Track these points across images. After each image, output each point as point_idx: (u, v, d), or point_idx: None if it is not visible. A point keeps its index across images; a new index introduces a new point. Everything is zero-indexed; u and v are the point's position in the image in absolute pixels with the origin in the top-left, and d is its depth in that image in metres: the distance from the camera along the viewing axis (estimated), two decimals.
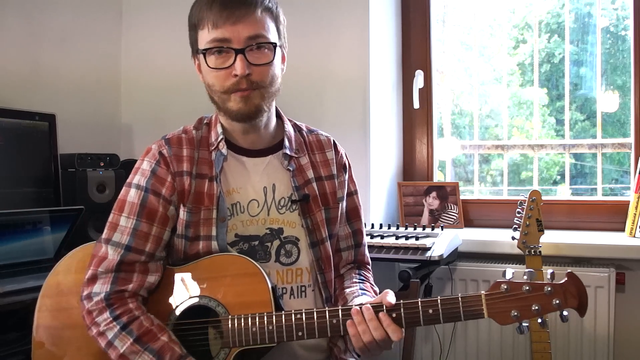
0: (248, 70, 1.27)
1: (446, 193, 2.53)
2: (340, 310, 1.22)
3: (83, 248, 1.41)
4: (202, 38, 1.31)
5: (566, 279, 1.15)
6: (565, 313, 1.16)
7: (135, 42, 2.71)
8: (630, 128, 2.40)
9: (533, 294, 1.15)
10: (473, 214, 2.59)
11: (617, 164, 2.53)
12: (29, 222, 1.90)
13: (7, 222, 1.86)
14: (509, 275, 1.19)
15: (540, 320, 1.16)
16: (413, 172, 2.69)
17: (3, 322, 1.68)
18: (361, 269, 1.53)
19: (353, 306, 1.22)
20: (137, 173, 1.36)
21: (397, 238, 2.09)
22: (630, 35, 2.39)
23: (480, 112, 2.70)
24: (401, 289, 2.12)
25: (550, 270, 1.19)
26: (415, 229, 2.20)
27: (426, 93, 2.63)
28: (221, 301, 1.27)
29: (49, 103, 2.30)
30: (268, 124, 1.41)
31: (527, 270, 1.18)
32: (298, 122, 1.52)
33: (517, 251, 2.01)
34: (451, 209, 2.52)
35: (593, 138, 2.51)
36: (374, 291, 1.46)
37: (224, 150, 1.37)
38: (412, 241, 2.04)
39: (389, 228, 2.24)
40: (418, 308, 1.19)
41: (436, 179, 2.68)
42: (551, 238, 2.16)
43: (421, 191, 2.56)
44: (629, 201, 2.25)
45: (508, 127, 2.65)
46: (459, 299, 1.17)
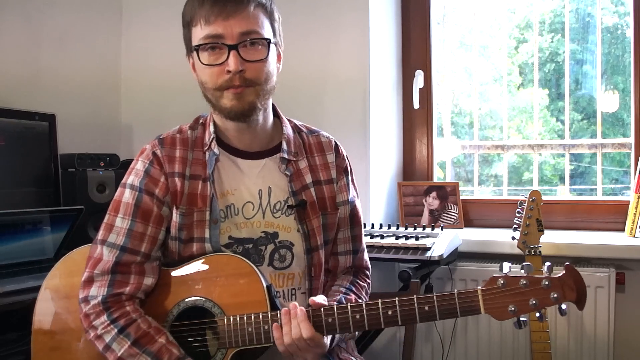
0: (241, 66, 1.25)
1: (446, 193, 2.53)
2: (335, 307, 1.21)
3: (81, 250, 1.40)
4: (196, 35, 1.29)
5: (564, 272, 1.14)
6: (564, 307, 1.14)
7: (135, 42, 2.71)
8: (630, 128, 2.40)
9: (530, 288, 1.13)
10: (473, 214, 2.59)
11: (617, 164, 2.53)
12: (29, 222, 1.90)
13: (7, 222, 1.86)
14: (506, 269, 1.17)
15: (538, 314, 1.15)
16: (413, 172, 2.68)
17: (3, 322, 1.68)
18: (357, 276, 1.49)
19: (348, 305, 1.21)
20: (132, 173, 1.36)
21: (397, 238, 2.09)
22: (630, 35, 2.39)
23: (480, 112, 2.70)
24: (401, 289, 2.12)
25: (548, 263, 1.17)
26: (415, 229, 2.20)
27: (426, 93, 2.63)
28: (217, 302, 1.27)
29: (49, 103, 2.30)
30: (264, 124, 1.39)
31: (524, 264, 1.16)
32: (299, 123, 1.49)
33: (517, 251, 2.00)
34: (451, 209, 2.52)
35: (593, 138, 2.51)
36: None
37: (216, 149, 1.35)
38: (412, 241, 2.04)
39: (389, 228, 2.24)
40: (414, 305, 1.18)
41: (436, 179, 2.68)
42: (551, 238, 2.16)
43: (421, 191, 2.56)
44: (629, 201, 2.25)
45: (508, 127, 2.65)
46: (455, 295, 1.17)
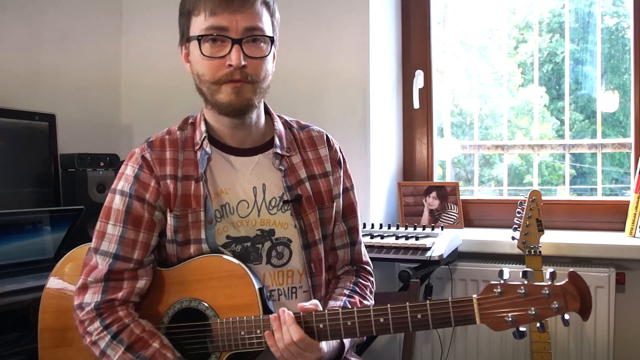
0: (244, 61, 1.24)
1: (446, 193, 2.53)
2: (327, 313, 1.19)
3: (82, 248, 1.41)
4: (197, 25, 1.26)
5: (567, 280, 1.07)
6: (567, 317, 1.06)
7: (135, 43, 2.71)
8: (630, 128, 2.40)
9: (529, 298, 1.06)
10: (473, 214, 2.59)
11: (617, 164, 2.53)
12: (29, 222, 1.90)
13: (7, 222, 1.86)
14: (506, 275, 1.10)
15: (538, 325, 1.08)
16: (413, 172, 2.68)
17: (3, 322, 1.68)
18: (360, 275, 1.47)
19: (339, 310, 1.19)
20: (121, 179, 1.33)
21: (397, 238, 2.09)
22: (630, 35, 2.39)
23: (480, 112, 2.70)
24: (401, 289, 2.12)
25: (550, 269, 1.10)
26: (415, 229, 2.20)
27: (426, 93, 2.63)
28: (211, 304, 1.26)
29: (49, 103, 2.30)
30: (257, 122, 1.37)
31: (525, 269, 1.10)
32: (289, 118, 1.47)
33: (517, 251, 2.00)
34: (451, 209, 2.52)
35: (593, 138, 2.51)
36: (365, 306, 1.40)
37: (208, 148, 1.33)
38: (412, 241, 2.04)
39: (389, 228, 2.24)
40: (406, 313, 1.14)
41: (436, 179, 2.68)
42: (551, 238, 2.16)
43: (421, 191, 2.56)
44: (629, 201, 2.25)
45: (508, 127, 2.65)
46: (449, 303, 1.12)
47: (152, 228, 1.31)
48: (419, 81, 2.57)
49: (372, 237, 2.11)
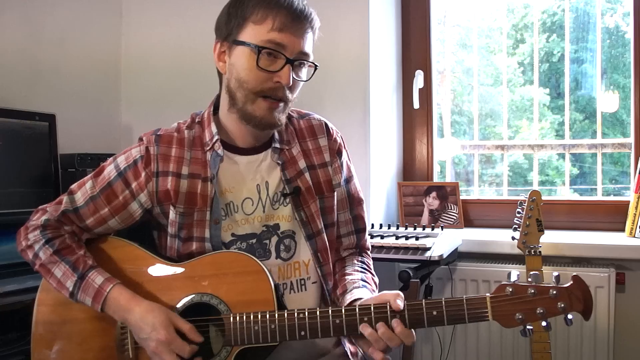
0: (291, 81, 1.28)
1: (446, 193, 2.53)
2: (343, 310, 1.21)
3: None
4: (256, 33, 1.28)
5: (572, 282, 1.14)
6: (570, 317, 1.15)
7: (135, 42, 2.71)
8: (630, 128, 2.40)
9: (538, 297, 1.14)
10: (473, 214, 2.59)
11: (617, 164, 2.53)
12: None
13: (7, 222, 1.85)
14: (514, 277, 1.18)
15: (544, 323, 1.16)
16: (413, 172, 2.68)
17: (3, 322, 1.68)
18: (363, 256, 1.52)
19: (356, 307, 1.21)
20: (125, 154, 1.38)
21: (397, 238, 2.09)
22: (630, 35, 2.39)
23: (480, 112, 2.70)
24: (401, 289, 2.11)
25: (555, 273, 1.17)
26: (415, 229, 2.20)
27: (426, 93, 2.63)
28: (223, 299, 1.27)
29: (49, 103, 2.30)
30: (269, 131, 1.40)
31: (532, 272, 1.18)
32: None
33: (517, 251, 2.00)
34: (451, 209, 2.52)
35: (593, 138, 2.51)
36: (375, 282, 1.45)
37: (220, 151, 1.35)
38: (412, 241, 2.04)
39: (389, 228, 2.24)
40: (422, 309, 1.18)
41: (436, 179, 2.68)
42: (551, 238, 2.16)
43: (421, 191, 2.56)
44: (629, 201, 2.25)
45: (508, 127, 2.65)
46: (464, 301, 1.16)
47: (118, 211, 1.36)
48: (419, 81, 2.57)
49: (372, 237, 2.11)
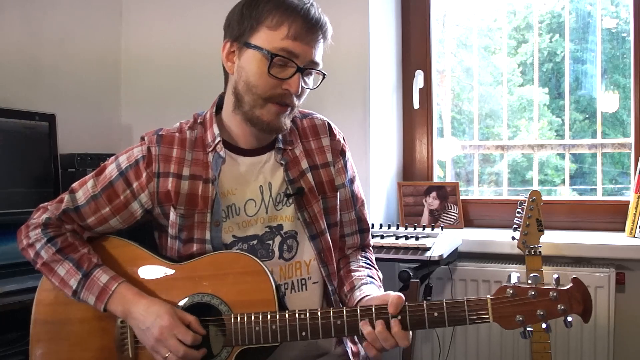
0: (299, 90, 1.29)
1: (446, 193, 2.53)
2: (344, 311, 1.21)
3: None
4: (268, 38, 1.27)
5: (571, 285, 1.15)
6: (569, 319, 1.15)
7: (135, 43, 2.71)
8: (630, 128, 2.40)
9: (538, 300, 1.14)
10: (473, 214, 2.59)
11: (617, 164, 2.53)
12: None
13: (7, 222, 1.85)
14: (514, 279, 1.17)
15: (544, 325, 1.16)
16: (413, 172, 2.68)
17: (3, 322, 1.68)
18: (366, 251, 1.54)
19: (357, 309, 1.21)
20: (127, 153, 1.38)
21: (397, 238, 2.09)
22: (630, 35, 2.39)
23: (480, 112, 2.70)
24: (401, 289, 2.11)
25: (555, 275, 1.18)
26: (415, 229, 2.20)
27: (426, 93, 2.63)
28: (224, 299, 1.27)
29: (49, 103, 2.30)
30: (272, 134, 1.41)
31: (532, 274, 1.17)
32: None
33: (517, 251, 2.00)
34: (451, 209, 2.52)
35: (593, 138, 2.51)
36: (379, 278, 1.47)
37: (222, 152, 1.35)
38: (412, 241, 2.04)
39: (389, 228, 2.24)
40: (423, 311, 1.18)
41: (436, 179, 2.68)
42: (551, 238, 2.16)
43: (421, 191, 2.56)
44: (629, 201, 2.25)
45: (508, 127, 2.65)
46: (465, 303, 1.16)
47: (119, 211, 1.36)
48: (419, 81, 2.57)
49: (372, 237, 2.11)
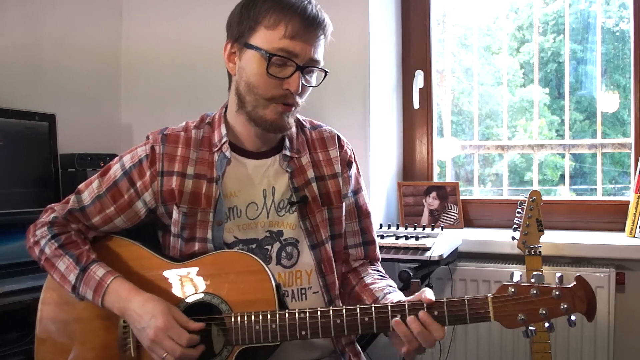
0: (300, 89, 1.28)
1: (446, 193, 2.53)
2: (344, 310, 1.21)
3: None
4: (267, 38, 1.26)
5: (575, 283, 1.13)
6: (573, 318, 1.13)
7: (135, 43, 2.71)
8: (630, 128, 2.40)
9: (540, 298, 1.13)
10: (473, 214, 2.59)
11: (617, 164, 2.53)
12: (29, 222, 1.89)
13: (7, 222, 1.86)
14: (517, 277, 1.16)
15: (547, 324, 1.14)
16: (413, 172, 2.68)
17: (3, 322, 1.68)
18: (375, 265, 1.51)
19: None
20: (131, 153, 1.39)
21: (397, 238, 2.09)
22: (630, 35, 2.39)
23: (480, 112, 2.70)
24: (401, 289, 2.11)
25: (558, 273, 1.16)
26: (415, 229, 2.20)
27: (426, 93, 2.63)
28: (225, 298, 1.27)
29: (49, 103, 2.30)
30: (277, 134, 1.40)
31: (535, 273, 1.16)
32: (302, 118, 1.48)
33: (517, 251, 2.00)
34: (451, 209, 2.52)
35: (593, 138, 2.51)
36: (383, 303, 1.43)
37: (228, 153, 1.35)
38: (412, 241, 2.04)
39: (389, 228, 2.24)
40: (423, 309, 1.17)
41: (436, 179, 2.68)
42: (551, 238, 2.16)
43: (421, 191, 2.56)
44: (629, 201, 2.25)
45: (508, 127, 2.65)
46: (465, 301, 1.15)
47: (123, 210, 1.37)
48: (419, 81, 2.57)
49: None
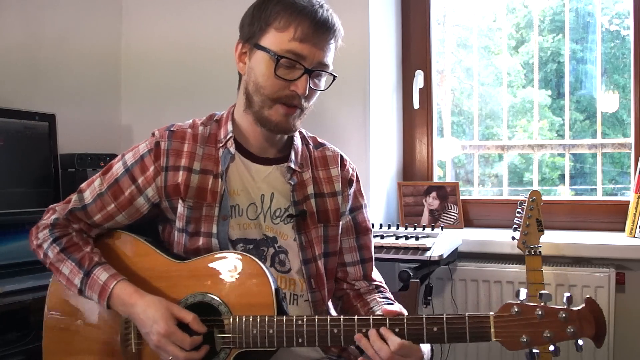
0: (307, 91, 1.28)
1: (446, 193, 2.53)
2: (342, 319, 1.19)
3: None
4: (276, 40, 1.27)
5: (584, 305, 1.08)
6: (580, 342, 1.07)
7: (135, 42, 2.71)
8: (630, 128, 2.40)
9: (546, 320, 1.07)
10: (473, 214, 2.59)
11: (617, 164, 2.53)
12: (29, 222, 1.88)
13: (7, 222, 1.86)
14: (523, 295, 1.11)
15: (552, 348, 1.08)
16: (413, 172, 2.68)
17: (3, 322, 1.68)
18: (382, 291, 1.47)
19: (355, 317, 1.18)
20: (133, 150, 1.39)
21: (397, 238, 2.09)
22: (630, 35, 2.39)
23: (480, 113, 2.70)
24: (401, 289, 2.12)
25: (567, 293, 1.10)
26: (415, 229, 2.20)
27: (426, 93, 2.63)
28: (225, 300, 1.26)
29: (49, 103, 2.30)
30: (282, 137, 1.41)
31: (542, 292, 1.10)
32: (307, 134, 1.49)
33: (517, 251, 2.00)
34: (451, 209, 2.52)
35: (593, 138, 2.51)
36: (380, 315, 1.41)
37: (232, 149, 1.36)
38: (412, 241, 2.04)
39: (389, 228, 2.24)
40: (422, 324, 1.15)
41: (436, 179, 2.68)
42: (551, 238, 2.16)
43: (421, 191, 2.56)
44: (629, 201, 2.25)
45: (508, 127, 2.65)
46: (466, 319, 1.13)
47: (125, 207, 1.37)
48: (419, 81, 2.57)
49: (373, 237, 2.11)
